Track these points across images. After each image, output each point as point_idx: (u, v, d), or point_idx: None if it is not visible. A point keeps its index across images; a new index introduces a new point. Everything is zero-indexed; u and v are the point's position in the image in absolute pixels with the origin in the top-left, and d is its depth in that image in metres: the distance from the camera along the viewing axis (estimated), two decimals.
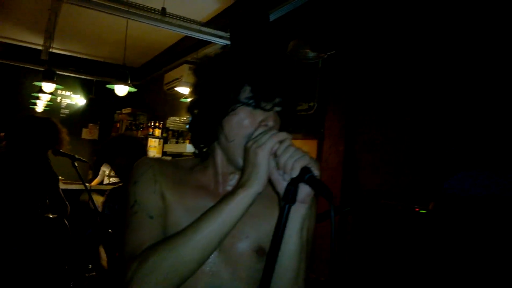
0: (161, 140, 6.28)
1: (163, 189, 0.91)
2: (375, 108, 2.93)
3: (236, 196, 0.79)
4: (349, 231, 2.93)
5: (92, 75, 7.98)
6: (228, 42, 4.51)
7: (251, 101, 0.86)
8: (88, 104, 8.41)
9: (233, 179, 0.96)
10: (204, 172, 0.97)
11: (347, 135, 3.13)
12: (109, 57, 7.52)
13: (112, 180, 6.23)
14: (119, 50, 5.54)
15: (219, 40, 4.61)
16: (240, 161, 0.87)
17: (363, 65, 3.05)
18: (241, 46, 0.93)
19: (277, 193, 0.82)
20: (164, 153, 6.25)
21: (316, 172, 0.77)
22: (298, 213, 0.82)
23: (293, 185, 0.77)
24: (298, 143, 3.77)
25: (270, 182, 0.82)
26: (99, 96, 8.15)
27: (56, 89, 6.13)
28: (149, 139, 6.25)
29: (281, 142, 0.80)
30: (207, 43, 4.91)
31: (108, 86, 4.93)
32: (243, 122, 0.86)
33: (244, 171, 0.82)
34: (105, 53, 7.38)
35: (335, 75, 3.30)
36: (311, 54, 3.26)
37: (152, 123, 6.37)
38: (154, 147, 6.28)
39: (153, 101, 7.69)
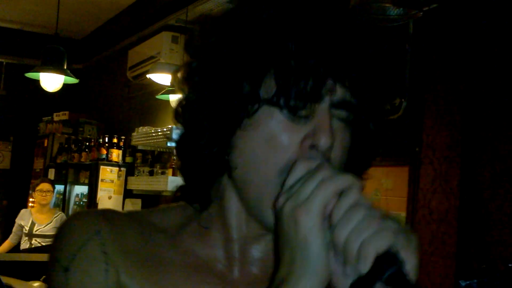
0: (123, 168, 6.34)
1: (123, 278, 0.87)
2: None
3: None
4: None
5: (0, 54, 8.15)
6: None
7: (280, 98, 0.80)
8: None
9: (258, 251, 0.93)
10: (203, 237, 0.94)
11: (466, 159, 3.09)
12: (31, 22, 7.69)
13: (37, 242, 6.30)
14: (49, 10, 5.64)
15: None
16: (270, 218, 0.84)
17: (495, 28, 3.01)
18: None
19: None
20: (127, 193, 6.27)
21: (409, 260, 0.71)
22: None
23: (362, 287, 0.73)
24: (374, 171, 3.75)
25: None
26: (12, 92, 8.32)
27: None
28: (102, 167, 6.32)
29: (341, 194, 0.75)
30: None
31: (28, 74, 5.02)
32: (269, 141, 0.83)
33: (281, 255, 0.78)
34: (24, 16, 7.54)
35: (440, 48, 3.27)
36: (394, 12, 3.21)
37: (107, 139, 6.43)
38: (110, 182, 6.35)
39: (107, 99, 7.80)
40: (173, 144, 1.01)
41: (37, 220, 6.42)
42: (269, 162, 0.82)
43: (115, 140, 6.42)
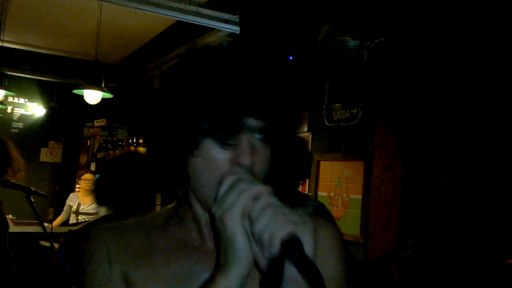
0: None
1: (125, 269, 0.91)
2: (444, 117, 2.90)
3: (214, 286, 0.80)
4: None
5: (54, 75, 8.13)
6: (237, 28, 4.55)
7: (213, 134, 0.85)
8: (49, 115, 8.57)
9: None
10: (181, 225, 0.97)
11: (406, 155, 3.09)
12: (76, 51, 7.66)
13: (82, 218, 6.29)
14: (90, 42, 5.63)
15: (224, 26, 4.64)
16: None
17: (427, 56, 3.02)
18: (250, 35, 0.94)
19: (260, 272, 0.82)
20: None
21: (307, 242, 0.74)
22: None
23: (275, 266, 0.75)
24: (337, 165, 3.75)
25: None
26: (63, 104, 8.27)
27: (6, 96, 6.26)
28: None
29: (255, 199, 0.78)
30: (209, 29, 4.95)
31: (75, 91, 5.01)
32: (208, 164, 0.87)
33: (218, 247, 0.83)
34: (71, 47, 7.52)
35: (387, 71, 3.28)
36: (353, 43, 3.24)
37: (135, 140, 6.43)
38: None
39: (135, 110, 7.76)
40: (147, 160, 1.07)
41: (82, 201, 6.42)
42: (211, 178, 0.86)
43: (141, 141, 6.42)
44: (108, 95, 4.92)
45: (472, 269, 2.45)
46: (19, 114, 8.55)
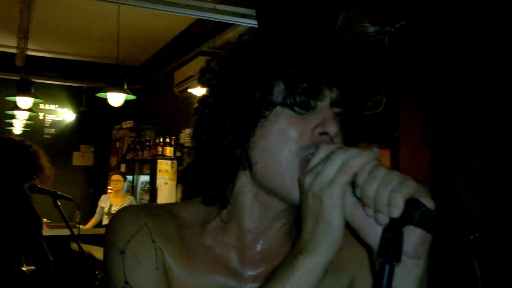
0: (175, 161, 6.34)
1: (167, 259, 0.83)
2: (472, 100, 2.77)
3: (295, 268, 0.70)
4: (447, 273, 2.76)
5: (81, 80, 8.23)
6: (255, 22, 4.49)
7: (289, 99, 0.78)
8: (79, 120, 8.69)
9: (266, 239, 0.87)
10: (222, 232, 0.88)
11: (434, 141, 2.98)
12: (100, 55, 7.73)
13: None
14: (113, 46, 5.66)
15: (242, 20, 4.59)
16: (291, 192, 0.78)
17: (452, 37, 2.89)
18: (270, 26, 0.88)
19: (365, 245, 0.72)
20: (179, 179, 6.27)
21: (429, 204, 0.64)
22: (409, 278, 0.69)
23: (393, 231, 0.65)
24: None
25: (348, 227, 0.72)
26: (92, 108, 8.37)
27: (36, 103, 6.35)
28: (159, 161, 6.34)
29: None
30: (227, 25, 4.92)
31: (98, 94, 5.02)
32: (285, 133, 0.78)
33: (303, 223, 0.73)
34: (95, 51, 7.59)
35: (410, 55, 3.15)
36: (372, 29, 3.15)
37: (162, 140, 6.45)
38: (165, 171, 6.34)
39: (161, 110, 7.82)
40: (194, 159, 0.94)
41: (114, 202, 6.49)
42: (284, 150, 0.77)
43: (168, 140, 6.43)
44: (131, 97, 4.92)
45: (507, 257, 2.38)
46: (51, 120, 8.71)
